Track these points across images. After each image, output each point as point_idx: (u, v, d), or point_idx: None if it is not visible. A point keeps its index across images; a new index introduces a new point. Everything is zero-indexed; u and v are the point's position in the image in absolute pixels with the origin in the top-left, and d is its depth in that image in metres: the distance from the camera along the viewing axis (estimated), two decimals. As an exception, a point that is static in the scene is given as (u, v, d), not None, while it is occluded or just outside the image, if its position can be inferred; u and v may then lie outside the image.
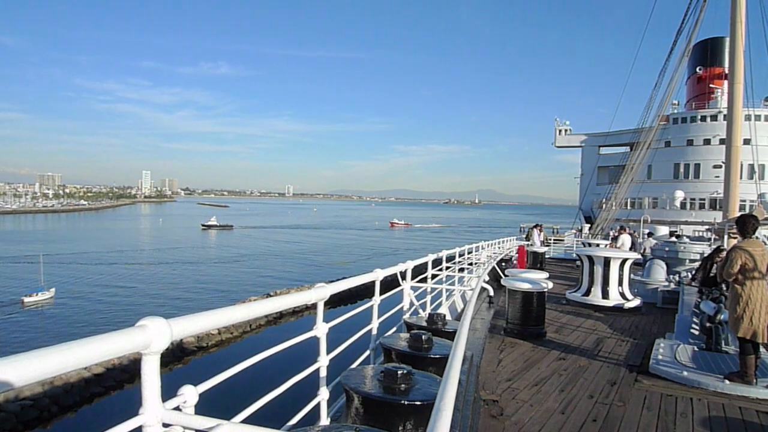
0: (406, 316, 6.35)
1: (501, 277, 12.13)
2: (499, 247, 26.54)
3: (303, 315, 33.75)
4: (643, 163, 37.06)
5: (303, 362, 3.35)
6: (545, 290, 9.28)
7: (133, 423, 1.57)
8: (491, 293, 12.63)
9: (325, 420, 3.45)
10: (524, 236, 29.46)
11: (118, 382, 24.00)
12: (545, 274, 11.11)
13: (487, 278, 13.36)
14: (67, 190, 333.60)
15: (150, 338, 1.54)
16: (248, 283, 53.25)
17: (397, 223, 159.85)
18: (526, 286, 9.09)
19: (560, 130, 64.61)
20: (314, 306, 3.30)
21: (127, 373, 23.66)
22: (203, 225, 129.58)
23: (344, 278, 4.32)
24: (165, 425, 1.67)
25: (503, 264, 19.69)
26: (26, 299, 41.06)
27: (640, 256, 18.20)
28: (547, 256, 23.49)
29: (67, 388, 21.97)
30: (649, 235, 26.49)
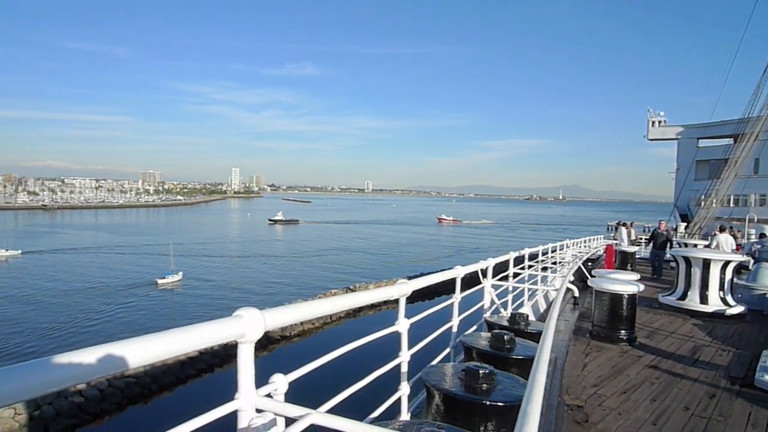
0: (486, 315, 6.25)
1: (587, 278, 11.63)
2: (585, 246, 25.44)
3: (381, 309, 34.11)
4: (750, 157, 33.89)
5: (383, 356, 3.39)
6: (636, 293, 8.77)
7: (229, 407, 1.68)
8: (576, 294, 12.13)
9: (405, 415, 3.48)
10: (612, 235, 28.01)
11: (209, 365, 25.54)
12: (636, 275, 10.50)
13: (572, 278, 12.85)
14: (166, 187, 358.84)
15: (245, 328, 1.64)
16: (326, 276, 55.09)
17: (445, 219, 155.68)
18: (615, 288, 8.62)
19: (653, 122, 60.46)
20: (394, 301, 3.33)
21: (217, 357, 25.12)
22: (270, 220, 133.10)
23: (423, 274, 4.33)
24: (258, 411, 1.76)
25: (589, 264, 18.86)
26: (159, 281, 47.80)
27: (745, 258, 16.70)
28: (637, 257, 22.16)
29: (165, 369, 23.63)
30: (762, 236, 24.02)
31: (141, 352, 1.28)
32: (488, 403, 2.91)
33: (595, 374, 6.86)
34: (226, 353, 24.94)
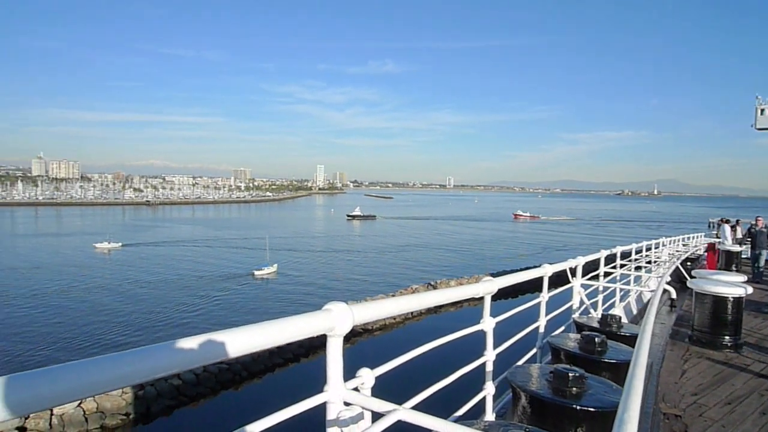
0: (575, 316, 6.01)
1: (686, 279, 10.84)
2: (682, 245, 23.76)
3: (461, 306, 33.81)
4: None
5: (466, 354, 3.34)
6: (743, 295, 8.04)
7: (319, 398, 1.73)
8: (674, 296, 11.36)
9: (490, 415, 3.42)
10: (714, 232, 25.89)
11: (295, 356, 26.57)
12: (742, 277, 9.65)
13: (669, 279, 12.05)
14: (256, 183, 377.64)
15: (334, 322, 1.68)
16: (406, 272, 55.51)
17: (522, 215, 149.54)
18: (718, 289, 7.95)
19: (762, 110, 55.11)
20: (477, 298, 3.28)
21: (302, 348, 26.07)
22: (348, 215, 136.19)
23: (505, 272, 4.22)
24: (346, 403, 1.80)
25: (688, 264, 17.59)
26: (256, 272, 51.31)
27: None
28: (743, 257, 20.32)
29: (255, 357, 24.86)
30: None
31: (242, 342, 1.35)
32: (579, 407, 2.80)
33: (695, 382, 6.39)
34: (310, 344, 25.78)
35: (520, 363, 4.15)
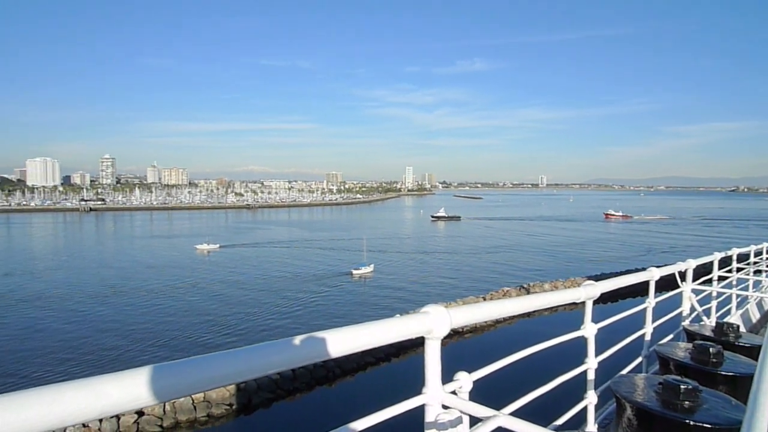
0: (686, 323, 5.58)
1: None
2: None
3: (556, 310, 32.63)
4: None
5: (566, 361, 3.23)
6: None
7: (417, 401, 1.75)
8: None
9: (592, 426, 3.28)
10: None
11: (386, 355, 26.94)
12: None
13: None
14: (347, 186, 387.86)
15: (432, 324, 1.70)
16: (497, 274, 54.57)
17: (613, 215, 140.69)
18: None
19: None
20: (576, 303, 3.15)
21: (393, 348, 26.36)
22: (432, 216, 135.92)
23: (605, 275, 4.01)
24: (444, 407, 1.81)
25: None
26: (355, 271, 53.57)
27: None
28: None
29: (348, 355, 25.51)
30: None
31: (346, 342, 1.41)
32: (692, 423, 2.60)
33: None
34: (401, 344, 26.04)
35: (624, 372, 3.93)
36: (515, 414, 2.02)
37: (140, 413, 21.41)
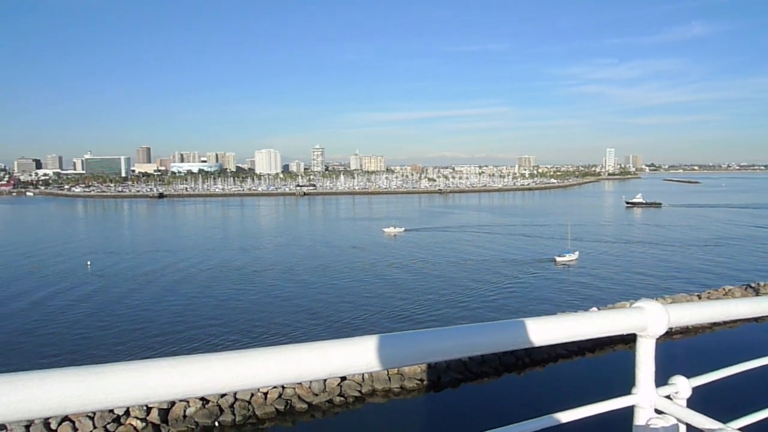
0: None
1: None
2: None
3: (801, 317, 27.29)
4: None
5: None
6: None
7: (626, 401, 1.63)
8: None
9: None
10: None
11: (579, 348, 25.48)
12: None
13: None
14: (540, 170, 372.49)
15: (647, 321, 1.56)
16: (714, 270, 47.69)
17: None
18: None
19: None
20: None
21: (589, 341, 24.80)
22: (627, 202, 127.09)
23: None
24: (657, 411, 1.66)
25: None
26: (558, 258, 53.42)
27: None
28: None
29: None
30: None
31: (549, 333, 1.37)
32: None
33: None
34: (598, 340, 24.44)
35: None
36: (744, 431, 1.78)
37: (343, 378, 23.74)
